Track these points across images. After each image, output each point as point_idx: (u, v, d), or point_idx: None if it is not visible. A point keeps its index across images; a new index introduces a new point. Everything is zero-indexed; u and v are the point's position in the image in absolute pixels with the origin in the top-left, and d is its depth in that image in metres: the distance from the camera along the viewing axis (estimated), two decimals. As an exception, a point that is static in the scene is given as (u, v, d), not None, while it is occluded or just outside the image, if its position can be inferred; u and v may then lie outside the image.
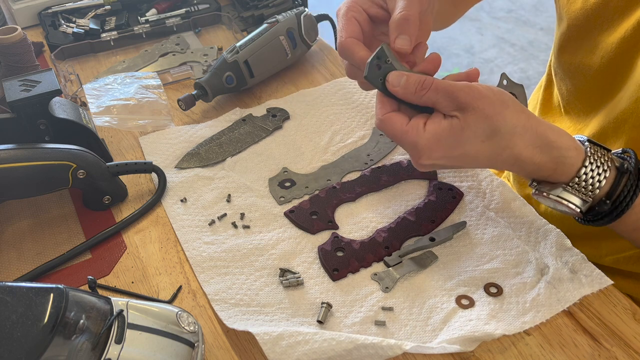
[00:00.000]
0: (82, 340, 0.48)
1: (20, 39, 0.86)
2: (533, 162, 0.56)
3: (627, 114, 0.65)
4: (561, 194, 0.57)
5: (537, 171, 0.57)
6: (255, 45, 0.88)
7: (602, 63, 0.68)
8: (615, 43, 0.66)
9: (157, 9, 1.09)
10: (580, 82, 0.74)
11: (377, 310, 0.60)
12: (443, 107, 0.56)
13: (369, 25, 0.64)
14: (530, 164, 0.57)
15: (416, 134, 0.56)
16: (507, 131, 0.55)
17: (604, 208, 0.57)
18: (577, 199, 0.57)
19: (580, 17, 0.70)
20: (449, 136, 0.55)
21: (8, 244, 0.70)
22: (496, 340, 0.57)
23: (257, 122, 0.85)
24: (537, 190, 0.59)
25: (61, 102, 0.76)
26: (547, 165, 0.56)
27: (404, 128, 0.57)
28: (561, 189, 0.57)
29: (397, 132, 0.57)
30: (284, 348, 0.54)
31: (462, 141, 0.55)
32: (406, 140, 0.57)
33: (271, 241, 0.68)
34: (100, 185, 0.71)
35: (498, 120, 0.54)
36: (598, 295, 0.60)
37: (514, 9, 3.22)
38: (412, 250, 0.66)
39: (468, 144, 0.55)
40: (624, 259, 0.72)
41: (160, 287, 0.64)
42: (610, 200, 0.56)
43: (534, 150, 0.56)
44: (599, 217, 0.58)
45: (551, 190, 0.57)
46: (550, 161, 0.56)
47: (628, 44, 0.65)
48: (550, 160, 0.56)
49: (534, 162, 0.56)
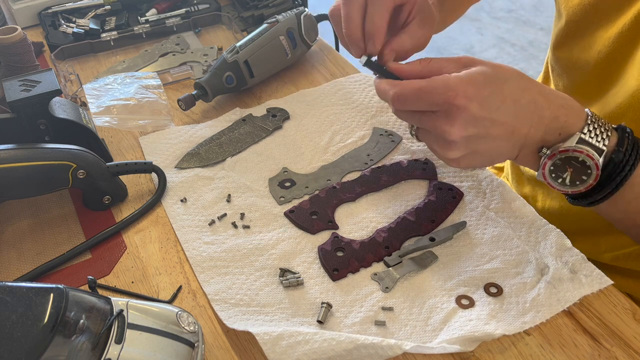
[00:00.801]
0: (82, 340, 0.48)
1: (20, 39, 0.86)
2: (549, 106, 0.56)
3: (624, 108, 0.65)
4: (579, 143, 0.55)
5: (554, 120, 0.56)
6: (255, 45, 0.88)
7: (599, 58, 0.68)
8: (612, 38, 0.66)
9: (157, 9, 1.09)
10: (577, 77, 0.74)
11: (377, 310, 0.60)
12: (451, 71, 0.57)
13: None
14: (547, 110, 0.56)
15: (443, 77, 0.55)
16: (518, 76, 0.57)
17: (619, 157, 0.56)
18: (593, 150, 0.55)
19: (578, 12, 0.70)
20: (475, 75, 0.55)
21: (8, 244, 0.70)
22: (496, 340, 0.57)
23: (257, 122, 0.85)
24: (552, 150, 0.57)
25: (61, 102, 0.76)
26: (561, 111, 0.56)
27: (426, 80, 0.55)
28: (577, 137, 0.56)
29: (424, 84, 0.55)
30: (284, 348, 0.54)
31: (487, 80, 0.55)
32: (436, 84, 0.55)
33: (271, 241, 0.68)
34: (100, 185, 0.71)
35: (505, 67, 0.57)
36: (598, 295, 0.60)
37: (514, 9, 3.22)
38: (412, 250, 0.66)
39: (493, 84, 0.55)
40: (624, 255, 0.73)
41: (160, 287, 0.64)
42: (622, 149, 0.56)
43: (546, 96, 0.56)
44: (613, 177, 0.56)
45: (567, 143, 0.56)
46: (562, 106, 0.57)
47: (625, 38, 0.65)
48: (561, 105, 0.57)
49: (550, 107, 0.56)
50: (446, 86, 0.54)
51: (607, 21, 0.67)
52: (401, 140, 0.81)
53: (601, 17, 0.68)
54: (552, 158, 0.57)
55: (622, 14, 0.65)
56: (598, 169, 0.56)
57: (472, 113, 0.54)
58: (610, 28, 0.66)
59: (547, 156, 0.57)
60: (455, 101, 0.54)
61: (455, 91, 0.54)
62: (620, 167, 0.56)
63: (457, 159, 0.58)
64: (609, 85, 0.68)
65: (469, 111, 0.54)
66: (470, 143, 0.56)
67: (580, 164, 0.56)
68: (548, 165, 0.57)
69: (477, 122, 0.55)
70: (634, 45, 0.64)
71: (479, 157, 0.58)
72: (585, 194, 0.59)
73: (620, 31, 0.65)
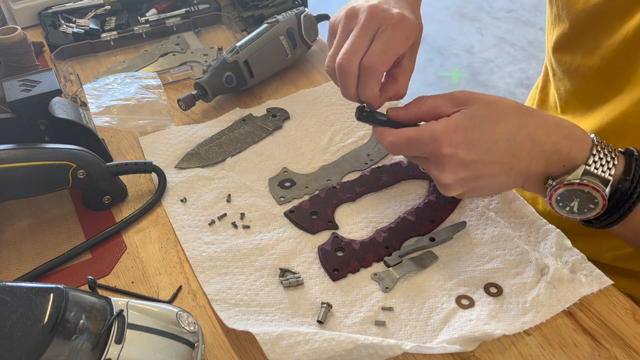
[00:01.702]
0: (82, 340, 0.48)
1: (20, 39, 0.86)
2: (550, 139, 0.55)
3: (629, 115, 0.65)
4: (584, 176, 0.55)
5: (555, 154, 0.56)
6: (255, 45, 0.88)
7: (602, 64, 0.68)
8: (616, 44, 0.66)
9: (157, 9, 1.09)
10: (579, 82, 0.74)
11: (377, 310, 0.60)
12: (446, 110, 0.56)
13: None
14: (548, 144, 0.56)
15: (430, 125, 0.55)
16: (515, 111, 0.56)
17: (626, 186, 0.55)
18: (599, 181, 0.55)
19: (582, 17, 0.69)
20: (463, 120, 0.55)
21: (8, 244, 0.70)
22: (496, 340, 0.57)
23: (257, 122, 0.85)
24: (558, 182, 0.56)
25: (61, 102, 0.76)
26: (562, 143, 0.56)
27: (415, 129, 0.56)
28: (582, 170, 0.55)
29: (413, 133, 0.56)
30: (284, 348, 0.54)
31: (476, 124, 0.55)
32: (423, 134, 0.55)
33: (271, 241, 0.68)
34: (100, 185, 0.71)
35: (501, 105, 0.56)
36: (598, 295, 0.60)
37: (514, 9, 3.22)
38: (412, 250, 0.66)
39: (483, 126, 0.55)
40: (624, 255, 0.73)
41: (160, 287, 0.64)
42: (629, 177, 0.55)
43: (546, 128, 0.55)
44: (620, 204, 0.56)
45: (571, 175, 0.56)
46: (564, 138, 0.56)
47: (629, 45, 0.65)
48: (563, 137, 0.56)
49: (551, 141, 0.55)
50: (432, 136, 0.55)
51: (612, 27, 0.67)
52: (401, 140, 0.81)
53: (604, 23, 0.67)
54: (558, 190, 0.57)
55: (626, 21, 0.65)
56: (604, 199, 0.56)
57: (461, 158, 0.55)
58: (614, 34, 0.66)
59: (553, 188, 0.57)
60: (441, 150, 0.55)
61: (440, 141, 0.55)
62: (627, 195, 0.55)
63: (460, 195, 0.59)
64: (613, 91, 0.68)
65: (457, 157, 0.55)
66: (465, 183, 0.58)
67: (587, 195, 0.56)
68: (554, 196, 0.57)
69: (467, 166, 0.56)
70: (638, 52, 0.64)
71: (480, 191, 0.59)
72: (595, 219, 0.59)
73: (624, 38, 0.65)
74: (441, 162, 0.56)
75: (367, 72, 0.58)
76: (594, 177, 0.55)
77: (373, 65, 0.58)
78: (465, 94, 0.57)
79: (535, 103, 0.87)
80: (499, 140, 0.55)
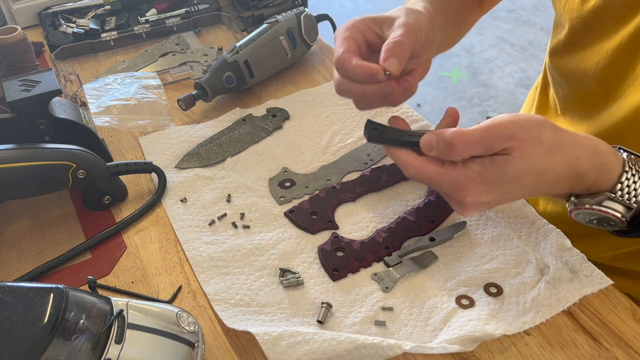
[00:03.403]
0: (82, 340, 0.48)
1: (20, 39, 0.86)
2: (576, 174, 0.54)
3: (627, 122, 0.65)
4: (606, 202, 0.54)
5: (580, 183, 0.55)
6: (255, 45, 0.88)
7: (598, 69, 0.68)
8: (611, 49, 0.66)
9: (157, 9, 1.09)
10: (576, 86, 0.74)
11: (377, 310, 0.60)
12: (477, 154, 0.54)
13: (365, 48, 0.63)
14: (573, 177, 0.54)
15: (456, 172, 0.53)
16: (546, 151, 0.53)
17: None
18: (621, 207, 0.54)
19: (578, 23, 0.69)
20: (492, 172, 0.53)
21: (8, 244, 0.70)
22: (496, 340, 0.57)
23: (257, 122, 0.85)
24: (578, 203, 0.56)
25: (61, 102, 0.76)
26: (589, 175, 0.54)
27: (439, 171, 0.54)
28: (605, 197, 0.54)
29: (435, 175, 0.54)
30: (284, 348, 0.54)
31: (504, 178, 0.53)
32: (447, 180, 0.54)
33: (271, 241, 0.68)
34: (100, 185, 0.71)
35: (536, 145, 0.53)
36: (598, 295, 0.60)
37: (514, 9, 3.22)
38: (412, 250, 0.66)
39: (509, 178, 0.53)
40: (624, 255, 0.73)
41: (160, 287, 0.64)
42: None
43: (575, 162, 0.54)
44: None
45: (593, 201, 0.55)
46: (592, 169, 0.54)
47: (624, 50, 0.65)
48: (592, 168, 0.54)
49: (577, 174, 0.54)
50: (456, 186, 0.53)
51: (608, 33, 0.67)
52: (401, 140, 0.81)
53: (601, 28, 0.67)
54: (578, 210, 0.56)
55: (622, 27, 0.65)
56: (624, 224, 0.55)
57: (483, 201, 0.55)
58: (610, 40, 0.66)
59: (574, 206, 0.57)
60: (464, 199, 0.54)
61: (464, 192, 0.53)
62: None
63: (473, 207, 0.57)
64: (610, 97, 0.68)
65: (479, 202, 0.54)
66: (486, 207, 0.58)
67: (605, 218, 0.55)
68: (574, 212, 0.57)
69: (489, 204, 0.56)
70: (634, 58, 0.64)
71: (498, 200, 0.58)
72: (618, 231, 0.58)
73: (619, 43, 0.65)
74: (462, 205, 0.55)
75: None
76: (617, 203, 0.54)
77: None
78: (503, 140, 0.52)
79: (535, 105, 0.87)
80: (523, 182, 0.54)
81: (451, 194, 0.55)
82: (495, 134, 0.52)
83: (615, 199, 0.54)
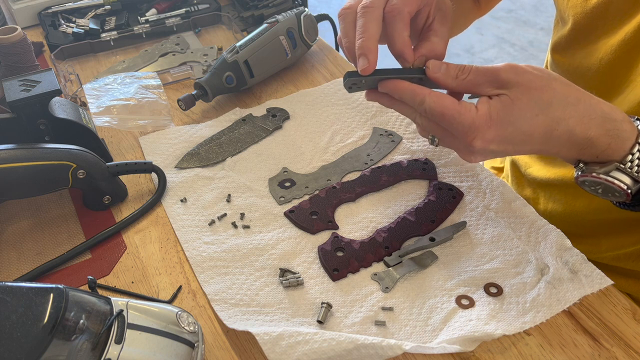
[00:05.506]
0: (82, 340, 0.48)
1: (20, 39, 0.86)
2: (587, 136, 0.53)
3: None
4: (614, 173, 0.53)
5: (590, 147, 0.54)
6: (255, 45, 0.88)
7: (601, 65, 0.68)
8: (615, 46, 0.66)
9: (157, 9, 1.09)
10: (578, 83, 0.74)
11: (377, 310, 0.60)
12: (486, 89, 0.54)
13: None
14: (584, 139, 0.53)
15: (470, 113, 0.53)
16: (560, 101, 0.52)
17: None
18: (629, 179, 0.53)
19: (583, 19, 0.70)
20: (500, 111, 0.52)
21: (8, 244, 0.70)
22: (496, 340, 0.57)
23: (257, 122, 0.85)
24: (586, 170, 0.55)
25: (61, 102, 0.76)
26: (601, 140, 0.53)
27: (457, 107, 0.53)
28: (614, 168, 0.53)
29: (449, 111, 0.53)
30: (284, 348, 0.54)
31: (514, 116, 0.52)
32: (460, 120, 0.53)
33: (271, 241, 0.68)
34: (100, 185, 0.71)
35: (548, 92, 0.52)
36: (598, 295, 0.60)
37: (514, 9, 3.22)
38: (412, 250, 0.66)
39: (521, 119, 0.52)
40: (624, 255, 0.73)
41: (160, 287, 0.64)
42: None
43: (589, 123, 0.53)
44: None
45: (601, 170, 0.54)
46: (605, 134, 0.53)
47: (628, 46, 0.65)
48: (605, 133, 0.53)
49: (588, 137, 0.53)
50: (469, 126, 0.53)
51: (611, 29, 0.67)
52: (401, 140, 0.81)
53: (605, 25, 0.67)
54: (585, 177, 0.56)
55: (626, 22, 0.65)
56: (629, 196, 0.54)
57: (491, 150, 0.54)
58: (613, 36, 0.66)
59: (581, 172, 0.56)
60: (473, 142, 0.54)
61: (474, 134, 0.53)
62: None
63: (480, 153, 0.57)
64: (613, 93, 0.68)
65: (488, 149, 0.54)
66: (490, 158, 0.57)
67: (611, 188, 0.55)
68: (580, 179, 0.56)
69: (496, 153, 0.56)
70: (637, 53, 0.64)
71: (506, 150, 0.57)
72: (622, 203, 0.57)
73: (623, 39, 0.65)
74: (470, 150, 0.55)
75: (393, 16, 0.57)
76: (625, 174, 0.53)
77: (397, 7, 0.56)
78: (510, 74, 0.53)
79: None
80: (534, 133, 0.53)
81: (461, 135, 0.54)
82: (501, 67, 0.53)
83: (624, 170, 0.53)
